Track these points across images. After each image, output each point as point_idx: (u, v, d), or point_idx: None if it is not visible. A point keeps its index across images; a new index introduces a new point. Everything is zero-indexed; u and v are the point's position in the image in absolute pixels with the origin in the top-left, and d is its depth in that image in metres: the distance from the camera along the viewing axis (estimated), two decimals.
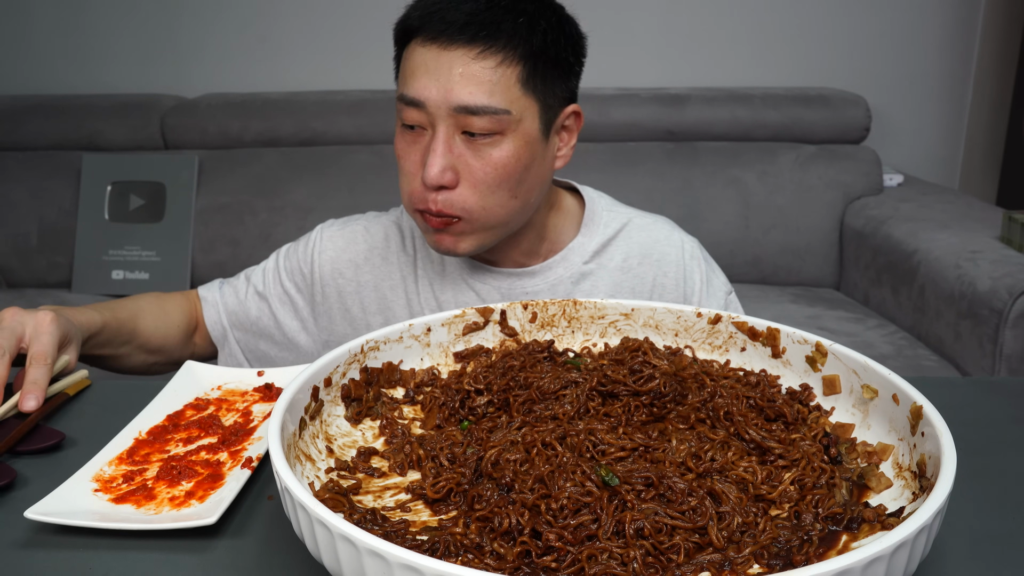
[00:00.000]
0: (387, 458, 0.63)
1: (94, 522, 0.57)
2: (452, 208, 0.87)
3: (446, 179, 0.85)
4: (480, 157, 0.86)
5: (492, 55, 0.84)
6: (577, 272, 1.00)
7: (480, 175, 0.86)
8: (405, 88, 0.86)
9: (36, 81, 2.59)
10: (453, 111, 0.84)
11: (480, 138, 0.85)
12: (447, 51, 0.84)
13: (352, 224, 1.06)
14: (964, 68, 2.55)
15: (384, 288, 1.02)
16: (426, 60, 0.85)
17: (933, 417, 0.55)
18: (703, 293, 1.02)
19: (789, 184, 2.23)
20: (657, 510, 0.51)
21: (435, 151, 0.85)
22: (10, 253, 2.28)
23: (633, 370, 0.67)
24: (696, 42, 2.51)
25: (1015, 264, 1.63)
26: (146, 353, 0.99)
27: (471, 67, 0.83)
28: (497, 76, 0.84)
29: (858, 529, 0.52)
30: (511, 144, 0.86)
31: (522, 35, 0.85)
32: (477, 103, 0.83)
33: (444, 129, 0.85)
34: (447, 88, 0.83)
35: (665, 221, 1.06)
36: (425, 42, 0.85)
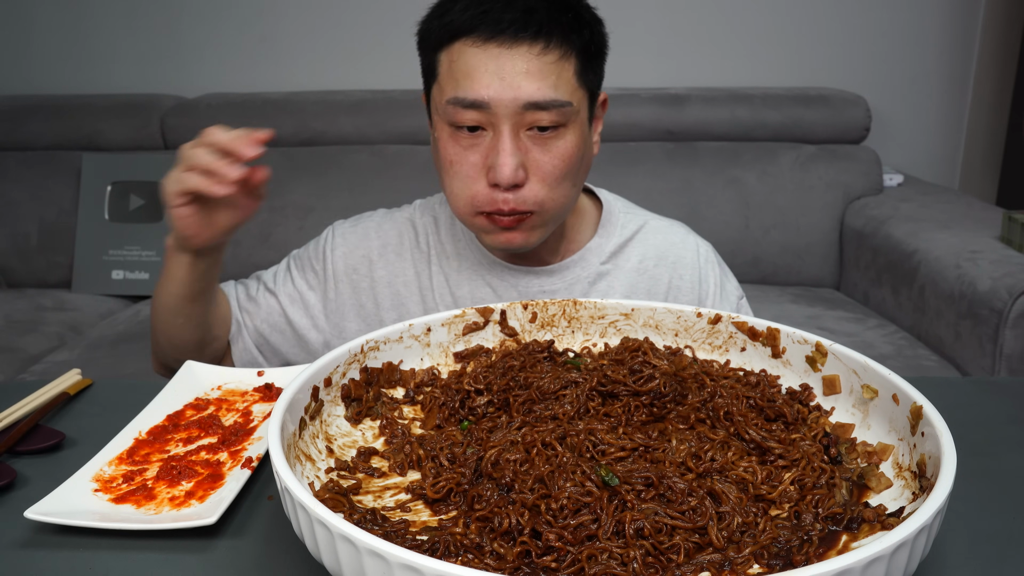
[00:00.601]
0: (387, 458, 0.63)
1: (94, 522, 0.57)
2: (525, 204, 0.88)
3: (519, 177, 0.86)
4: (547, 151, 0.87)
5: (553, 50, 0.85)
6: (594, 272, 1.01)
7: (549, 168, 0.87)
8: (460, 90, 0.85)
9: (36, 81, 2.59)
10: (521, 108, 0.84)
11: (547, 132, 0.86)
12: (510, 49, 0.84)
13: (365, 221, 1.07)
14: (964, 68, 2.55)
15: (398, 284, 1.03)
16: (484, 60, 0.84)
17: (933, 417, 0.55)
18: (717, 297, 1.04)
19: (789, 184, 2.23)
20: (657, 510, 0.51)
21: (505, 150, 0.85)
22: (10, 253, 2.28)
23: (633, 370, 0.67)
24: (696, 42, 2.51)
25: (1015, 264, 1.63)
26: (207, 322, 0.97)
27: (535, 63, 0.84)
28: (559, 70, 0.85)
29: (858, 529, 0.52)
30: (573, 135, 0.88)
31: (574, 29, 0.86)
32: (545, 98, 0.84)
33: (509, 128, 0.85)
34: (515, 86, 0.83)
35: (680, 225, 1.08)
36: (479, 42, 0.84)
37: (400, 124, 2.31)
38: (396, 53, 2.53)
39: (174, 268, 0.89)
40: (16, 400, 0.77)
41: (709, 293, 1.04)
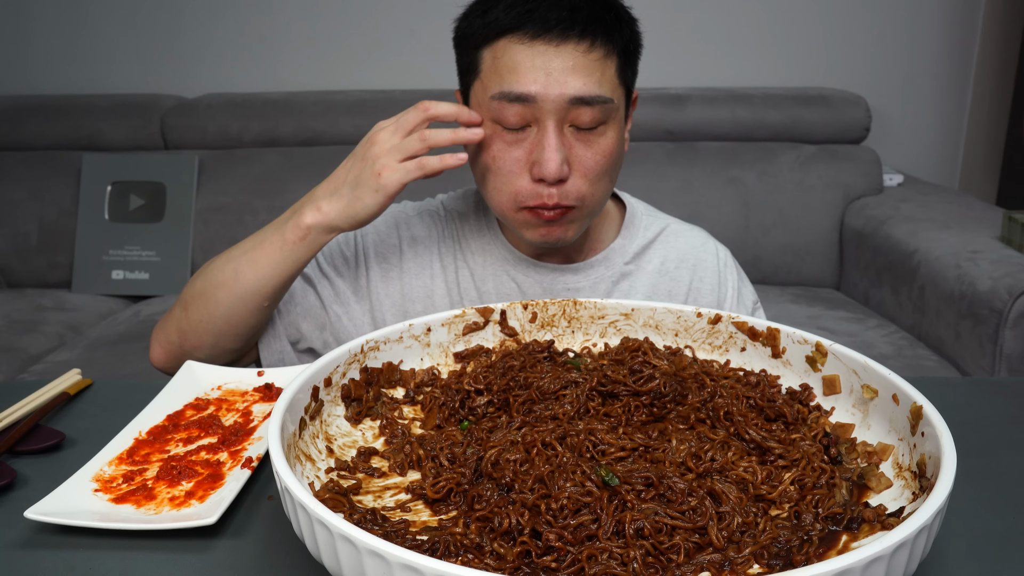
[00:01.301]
0: (387, 458, 0.63)
1: (94, 522, 0.57)
2: (568, 199, 0.89)
3: (564, 172, 0.87)
4: (590, 147, 0.89)
5: (599, 48, 0.87)
6: (618, 272, 1.03)
7: (591, 164, 0.89)
8: (506, 85, 0.86)
9: (36, 81, 2.59)
10: (567, 104, 0.86)
11: (590, 129, 0.88)
12: (557, 47, 0.85)
13: (394, 211, 1.06)
14: (964, 68, 2.55)
15: (425, 276, 1.03)
16: (531, 56, 0.85)
17: (933, 417, 0.55)
18: (734, 301, 1.05)
19: (789, 184, 2.23)
20: (657, 510, 0.51)
21: (550, 145, 0.86)
22: (10, 253, 2.28)
23: (633, 370, 0.67)
24: (696, 42, 2.51)
25: (1015, 264, 1.63)
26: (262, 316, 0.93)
27: (581, 60, 0.86)
28: (603, 67, 0.87)
29: (858, 529, 0.52)
30: (613, 132, 0.90)
31: (616, 28, 0.89)
32: (591, 93, 0.86)
33: (554, 123, 0.86)
34: (562, 81, 0.85)
35: (700, 229, 1.10)
36: (526, 39, 0.86)
37: None
38: (396, 53, 2.53)
39: (302, 251, 0.88)
40: (16, 400, 0.77)
41: (727, 297, 1.05)
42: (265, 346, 0.98)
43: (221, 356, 0.95)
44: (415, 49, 2.50)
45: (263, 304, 0.91)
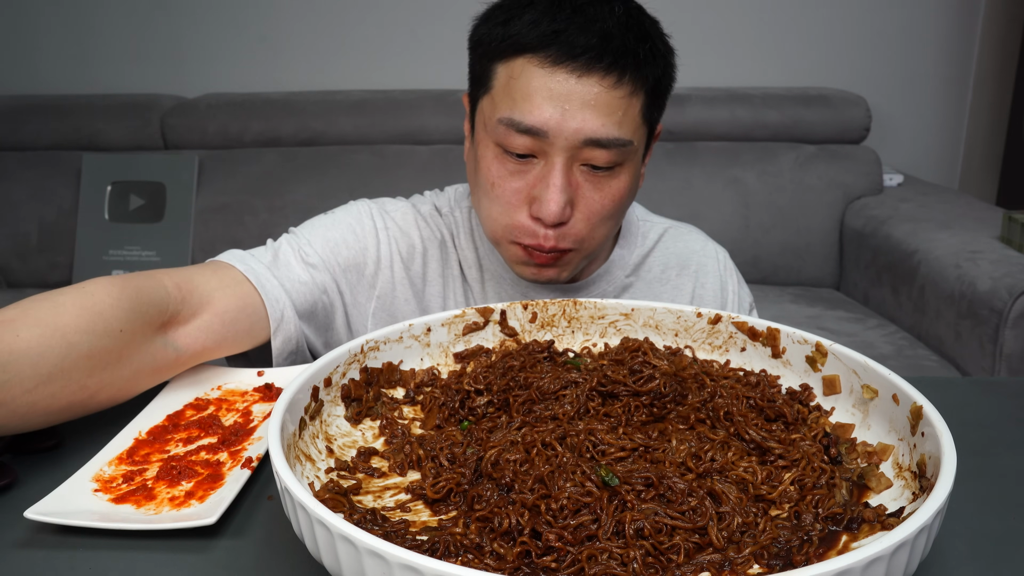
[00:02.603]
0: (387, 458, 0.63)
1: (94, 522, 0.57)
2: (565, 242, 0.83)
3: (566, 215, 0.80)
4: (599, 189, 0.81)
5: (624, 85, 0.78)
6: (620, 286, 0.99)
7: (597, 207, 0.82)
8: (517, 112, 0.78)
9: (36, 81, 2.59)
10: (580, 143, 0.78)
11: (601, 171, 0.80)
12: (580, 79, 0.76)
13: (402, 208, 0.98)
14: (964, 68, 2.55)
15: (439, 284, 0.97)
16: (549, 85, 0.77)
17: (933, 417, 0.55)
18: (734, 304, 1.04)
19: (789, 184, 2.23)
20: (657, 510, 0.51)
21: (555, 186, 0.78)
22: (10, 253, 2.28)
23: (633, 370, 0.67)
24: (696, 42, 2.51)
25: (1015, 264, 1.63)
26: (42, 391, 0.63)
27: (604, 97, 0.77)
28: (625, 106, 0.78)
29: (858, 529, 0.52)
30: (627, 175, 0.83)
31: (648, 63, 0.79)
32: (609, 135, 0.78)
33: (563, 161, 0.79)
34: (579, 118, 0.77)
35: (697, 230, 1.06)
36: (547, 63, 0.77)
37: (400, 124, 2.31)
38: (396, 53, 2.53)
39: None
40: None
41: (729, 301, 1.03)
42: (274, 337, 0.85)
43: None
44: (415, 49, 2.50)
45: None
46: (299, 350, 0.87)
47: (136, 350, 0.70)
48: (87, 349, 0.65)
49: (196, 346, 0.77)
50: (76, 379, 0.65)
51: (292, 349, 0.86)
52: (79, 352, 0.64)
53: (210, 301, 0.78)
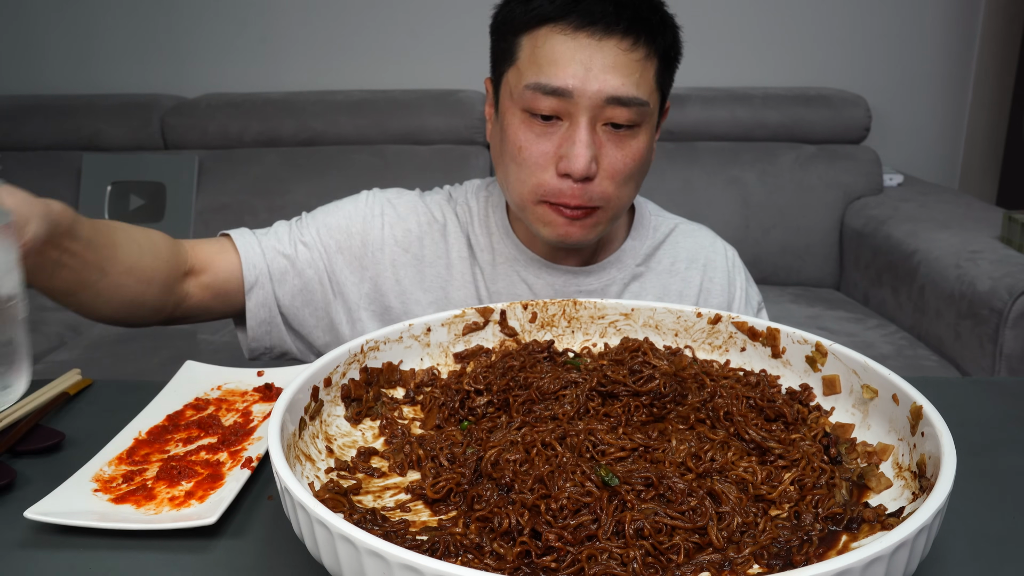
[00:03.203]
0: (387, 458, 0.63)
1: (94, 522, 0.57)
2: (592, 199, 0.87)
3: (592, 170, 0.85)
4: (621, 148, 0.87)
5: (641, 48, 0.85)
6: (629, 274, 1.02)
7: (620, 165, 0.87)
8: (544, 76, 0.84)
9: (36, 81, 2.59)
10: (603, 102, 0.84)
11: (623, 129, 0.86)
12: (600, 41, 0.83)
13: (407, 196, 1.04)
14: (964, 68, 2.55)
15: (440, 266, 1.00)
16: (572, 49, 0.84)
17: (933, 417, 0.55)
18: (742, 302, 1.05)
19: (789, 184, 2.23)
20: (657, 510, 0.51)
21: (581, 141, 0.84)
22: None
23: (633, 370, 0.67)
24: (696, 42, 2.50)
25: (1015, 264, 1.63)
26: (125, 278, 0.81)
27: (622, 58, 0.84)
28: (642, 69, 0.85)
29: (858, 529, 0.52)
30: (645, 135, 0.88)
31: (659, 31, 0.87)
32: (628, 94, 0.84)
33: (587, 120, 0.85)
34: (601, 78, 0.83)
35: (708, 229, 1.10)
36: (569, 30, 0.84)
37: (400, 124, 2.31)
38: (396, 53, 2.53)
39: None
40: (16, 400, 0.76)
41: (736, 297, 1.04)
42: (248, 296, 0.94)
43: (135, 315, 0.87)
44: (415, 49, 2.50)
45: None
46: (272, 320, 0.97)
47: (172, 281, 0.88)
48: (151, 261, 0.84)
49: (198, 297, 0.92)
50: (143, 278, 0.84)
51: (265, 317, 0.96)
52: (148, 262, 0.84)
53: (210, 264, 0.93)
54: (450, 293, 1.00)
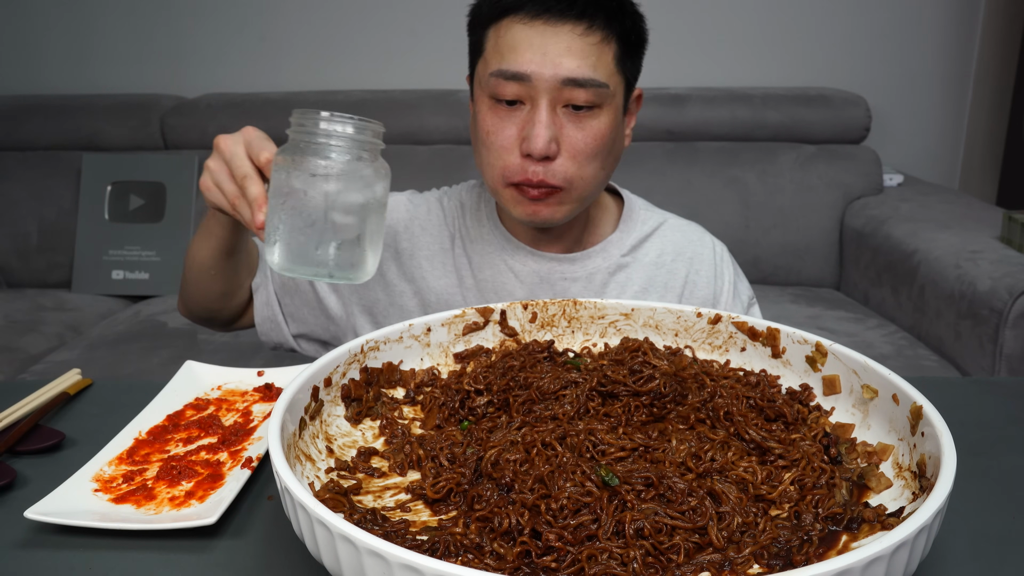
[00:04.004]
0: (387, 458, 0.63)
1: (94, 522, 0.57)
2: (554, 178, 0.90)
3: (551, 150, 0.88)
4: (581, 128, 0.90)
5: (596, 32, 0.88)
6: (615, 264, 1.04)
7: (581, 146, 0.90)
8: (505, 63, 0.88)
9: (36, 81, 2.59)
10: (560, 84, 0.87)
11: (582, 110, 0.89)
12: (554, 27, 0.87)
13: (395, 194, 1.08)
14: (964, 68, 2.55)
15: (421, 258, 1.05)
16: (530, 36, 0.88)
17: (933, 417, 0.55)
18: (730, 296, 1.06)
19: (789, 184, 2.22)
20: (657, 510, 0.51)
21: (540, 122, 0.87)
22: (10, 253, 2.28)
23: (633, 370, 0.67)
24: (696, 42, 2.51)
25: (1015, 264, 1.63)
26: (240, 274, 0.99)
27: (577, 42, 0.87)
28: (599, 51, 0.88)
29: (858, 529, 0.52)
30: (606, 117, 0.91)
31: (617, 16, 0.90)
32: (584, 76, 0.87)
33: (547, 102, 0.88)
34: (556, 62, 0.87)
35: (697, 225, 1.12)
36: (527, 19, 0.88)
37: (400, 124, 2.31)
38: (396, 53, 2.53)
39: (214, 226, 0.90)
40: (16, 400, 0.77)
41: (724, 291, 1.06)
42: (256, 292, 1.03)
43: (213, 314, 1.02)
44: (415, 49, 2.50)
45: (210, 271, 0.95)
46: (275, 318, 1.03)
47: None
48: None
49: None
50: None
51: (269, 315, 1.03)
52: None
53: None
54: (431, 283, 1.04)
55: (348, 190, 0.68)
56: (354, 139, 0.69)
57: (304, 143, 0.69)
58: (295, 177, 0.68)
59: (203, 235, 0.93)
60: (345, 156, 0.68)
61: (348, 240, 0.69)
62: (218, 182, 0.79)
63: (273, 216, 0.69)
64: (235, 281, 1.00)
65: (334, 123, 0.68)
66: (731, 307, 1.06)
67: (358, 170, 0.69)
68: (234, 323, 1.06)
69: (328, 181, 0.68)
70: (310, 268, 0.69)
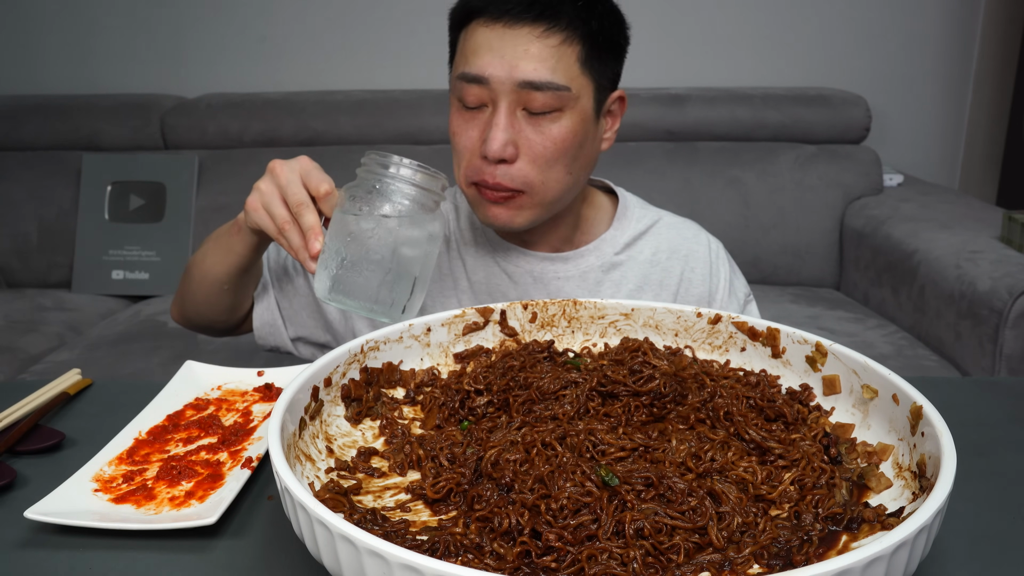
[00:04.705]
0: (387, 458, 0.63)
1: (94, 522, 0.57)
2: (512, 182, 0.90)
3: (507, 153, 0.88)
4: (540, 132, 0.89)
5: (555, 34, 0.87)
6: (608, 262, 1.03)
7: (539, 149, 0.89)
8: (467, 66, 0.89)
9: (36, 81, 2.59)
10: (517, 87, 0.87)
11: (541, 114, 0.88)
12: (512, 30, 0.87)
13: None
14: (964, 68, 2.55)
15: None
16: (490, 39, 0.87)
17: (933, 417, 0.55)
18: (726, 293, 1.06)
19: (789, 184, 2.22)
20: (657, 510, 0.51)
21: (497, 125, 0.87)
22: (10, 253, 2.28)
23: (633, 370, 0.67)
24: (696, 42, 2.51)
25: (1015, 264, 1.63)
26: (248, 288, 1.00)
27: (535, 45, 0.86)
28: (559, 54, 0.87)
29: (858, 529, 0.52)
30: (569, 121, 0.90)
31: (582, 16, 0.88)
32: (541, 79, 0.86)
33: (506, 105, 0.88)
34: (512, 64, 0.86)
35: (693, 223, 1.11)
36: (488, 22, 0.88)
37: (400, 124, 2.31)
38: (396, 53, 2.53)
39: (237, 244, 0.91)
40: (16, 400, 0.77)
41: (719, 288, 1.06)
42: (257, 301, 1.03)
43: (214, 324, 1.03)
44: (415, 49, 2.50)
45: (224, 286, 0.95)
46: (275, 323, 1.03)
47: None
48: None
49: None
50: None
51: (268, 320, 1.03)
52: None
53: None
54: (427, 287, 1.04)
55: (414, 236, 0.72)
56: (427, 190, 0.73)
57: (379, 186, 0.73)
58: (364, 216, 0.72)
59: (221, 251, 0.93)
60: (416, 204, 0.73)
61: (405, 283, 0.74)
62: (268, 204, 0.81)
63: (330, 248, 0.73)
64: (244, 295, 1.00)
65: (413, 172, 0.73)
66: (727, 304, 1.05)
67: (425, 219, 0.74)
68: (232, 331, 1.06)
69: (401, 226, 0.72)
70: (362, 304, 0.74)
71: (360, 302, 0.74)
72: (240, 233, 0.89)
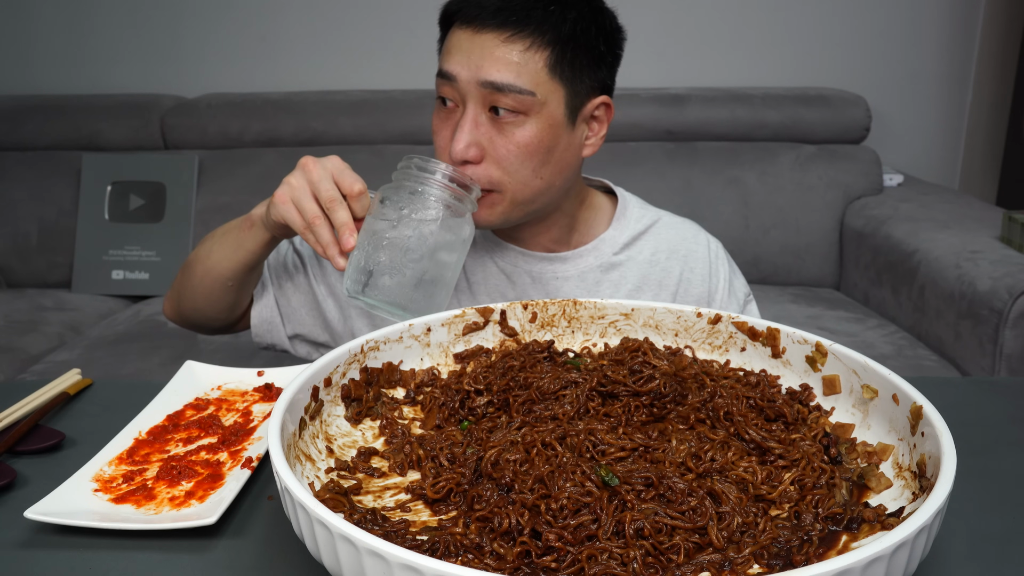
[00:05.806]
0: (387, 458, 0.63)
1: (94, 522, 0.57)
2: (479, 181, 0.90)
3: (470, 154, 0.89)
4: (504, 135, 0.90)
5: (520, 40, 0.88)
6: (607, 262, 1.04)
7: (503, 152, 0.90)
8: (442, 64, 0.91)
9: (36, 81, 2.59)
10: (481, 86, 0.88)
11: (505, 116, 0.89)
12: (479, 34, 0.89)
13: None
14: (964, 68, 2.55)
15: None
16: (462, 40, 0.90)
17: (933, 417, 0.55)
18: (725, 293, 1.06)
19: (789, 184, 2.22)
20: (657, 510, 0.51)
21: (462, 127, 0.89)
22: (10, 253, 2.28)
23: (633, 370, 0.67)
24: (696, 42, 2.51)
25: (1015, 264, 1.63)
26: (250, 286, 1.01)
27: (500, 49, 0.88)
28: (524, 59, 0.88)
29: (858, 529, 0.52)
30: (534, 126, 0.90)
31: (551, 23, 0.89)
32: (504, 81, 0.87)
33: (473, 106, 0.89)
34: (478, 66, 0.88)
35: (692, 223, 1.11)
36: (462, 25, 0.90)
37: (400, 124, 2.31)
38: (396, 53, 2.53)
39: (248, 239, 0.91)
40: (16, 400, 0.77)
41: (719, 288, 1.06)
42: (256, 299, 1.04)
43: (211, 322, 1.03)
44: (415, 49, 2.49)
45: (228, 283, 0.96)
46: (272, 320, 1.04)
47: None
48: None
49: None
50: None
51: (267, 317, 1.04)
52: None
53: None
54: None
55: (450, 241, 0.74)
56: (464, 195, 0.76)
57: (421, 188, 0.75)
58: (404, 219, 0.74)
59: (229, 247, 0.93)
60: (454, 209, 0.75)
61: (438, 285, 0.76)
62: (297, 199, 0.82)
63: (364, 248, 0.74)
64: (246, 293, 1.01)
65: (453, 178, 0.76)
66: (726, 304, 1.06)
67: (459, 224, 0.76)
68: (227, 329, 1.06)
69: (441, 230, 0.74)
70: (395, 305, 0.75)
71: (393, 302, 0.75)
72: (253, 229, 0.90)
